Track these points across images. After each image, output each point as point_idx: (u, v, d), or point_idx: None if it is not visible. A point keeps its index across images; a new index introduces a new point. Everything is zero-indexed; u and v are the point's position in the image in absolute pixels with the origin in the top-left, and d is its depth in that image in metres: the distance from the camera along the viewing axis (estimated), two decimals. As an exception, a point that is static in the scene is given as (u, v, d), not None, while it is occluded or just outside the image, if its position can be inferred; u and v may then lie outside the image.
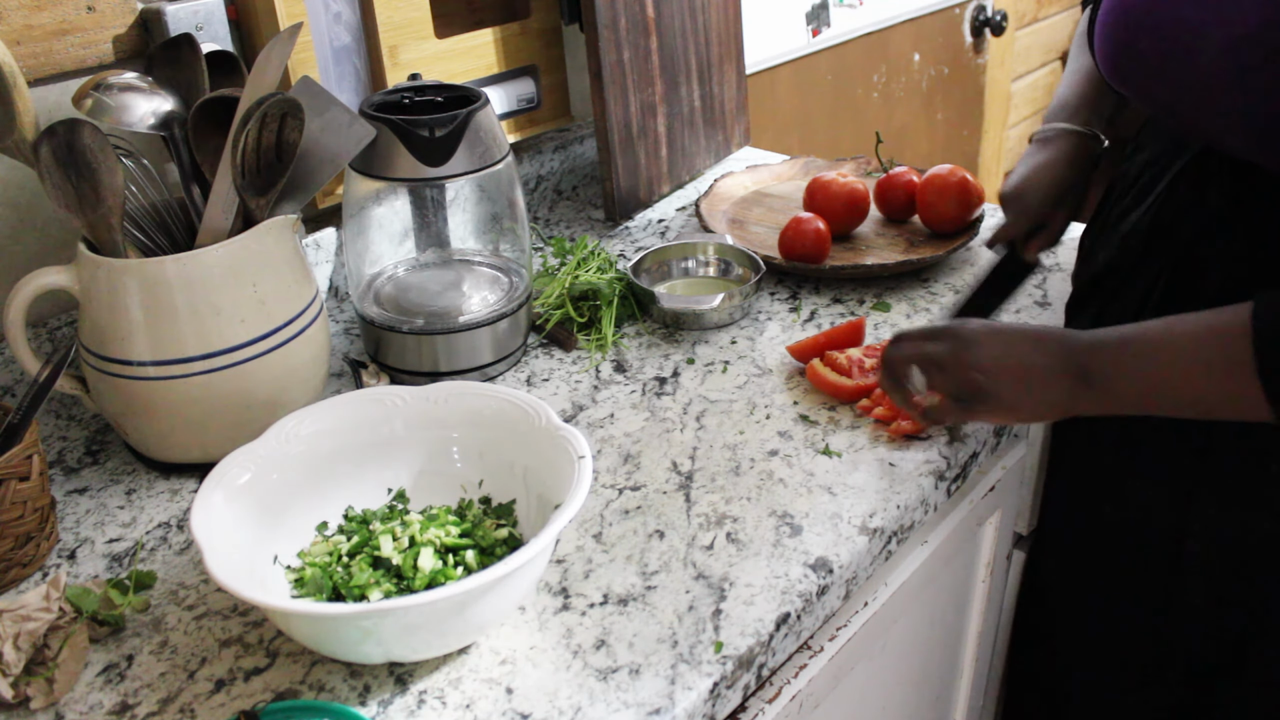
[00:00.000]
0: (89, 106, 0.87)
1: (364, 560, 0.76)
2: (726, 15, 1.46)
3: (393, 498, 0.84)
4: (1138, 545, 0.96)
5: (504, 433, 0.82)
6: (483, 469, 0.84)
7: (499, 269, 1.12)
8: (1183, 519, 0.92)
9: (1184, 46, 0.78)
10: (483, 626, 0.71)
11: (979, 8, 2.36)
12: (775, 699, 0.79)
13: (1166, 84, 0.82)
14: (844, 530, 0.82)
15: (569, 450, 0.75)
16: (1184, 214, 0.88)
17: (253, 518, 0.75)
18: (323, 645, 0.69)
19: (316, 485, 0.81)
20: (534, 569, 0.71)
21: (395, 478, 0.84)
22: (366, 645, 0.68)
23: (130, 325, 0.84)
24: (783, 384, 1.01)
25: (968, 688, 1.19)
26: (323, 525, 0.81)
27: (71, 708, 0.69)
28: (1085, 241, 1.05)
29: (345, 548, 0.77)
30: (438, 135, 0.96)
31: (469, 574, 0.74)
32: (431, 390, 0.84)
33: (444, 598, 0.64)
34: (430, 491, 0.84)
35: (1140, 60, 0.83)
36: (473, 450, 0.84)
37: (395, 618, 0.65)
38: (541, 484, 0.79)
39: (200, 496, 0.72)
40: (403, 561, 0.75)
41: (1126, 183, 0.98)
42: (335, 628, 0.67)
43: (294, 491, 0.79)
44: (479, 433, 0.83)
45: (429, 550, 0.75)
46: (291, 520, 0.79)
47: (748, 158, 1.55)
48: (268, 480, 0.77)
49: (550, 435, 0.78)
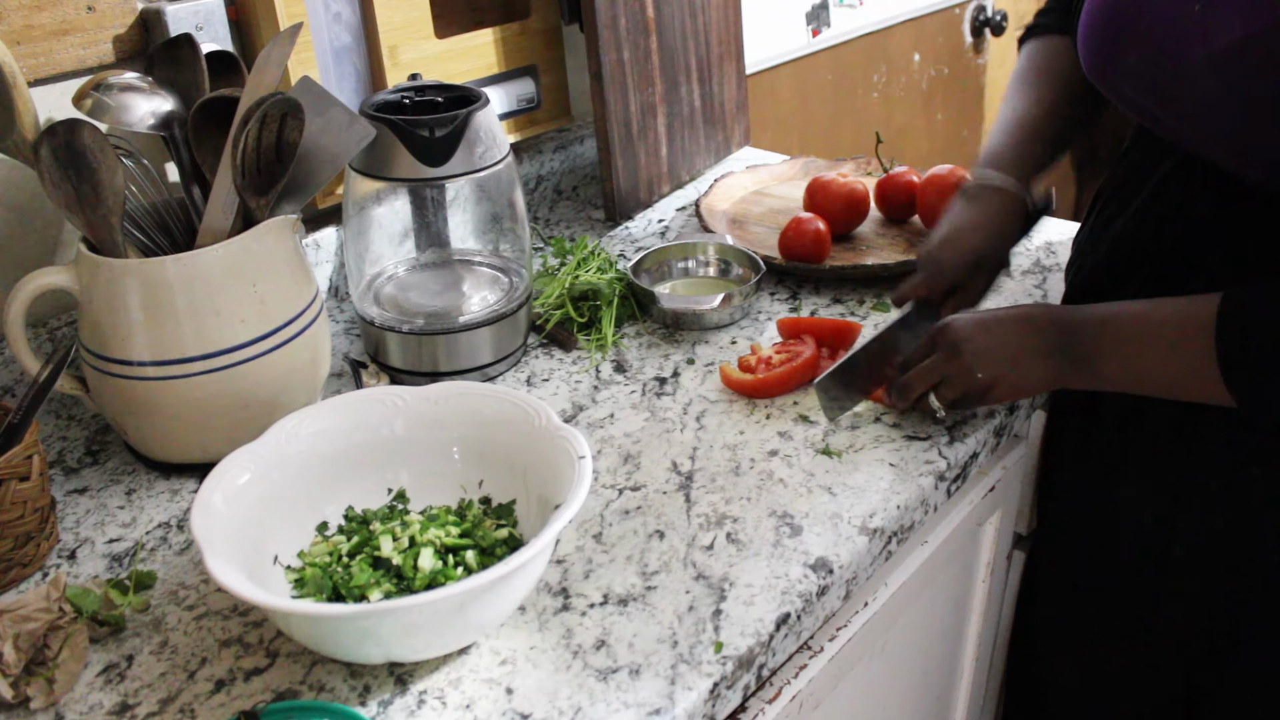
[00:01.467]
0: (89, 106, 0.87)
1: (364, 560, 0.76)
2: (726, 15, 1.46)
3: (393, 498, 0.84)
4: (1127, 545, 0.97)
5: (504, 433, 0.82)
6: (483, 469, 0.84)
7: (499, 269, 1.12)
8: (1170, 519, 0.92)
9: (1168, 56, 0.78)
10: (483, 626, 0.71)
11: (979, 8, 2.36)
12: (775, 699, 0.79)
13: (1150, 93, 0.82)
14: (844, 530, 0.82)
15: (569, 450, 0.75)
16: (1169, 219, 0.88)
17: (253, 518, 0.75)
18: (323, 645, 0.69)
19: (317, 485, 0.81)
20: (534, 569, 0.71)
21: (395, 478, 0.84)
22: (366, 645, 0.68)
23: (130, 325, 0.84)
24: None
25: (968, 688, 1.19)
26: (323, 525, 0.81)
27: (71, 708, 0.69)
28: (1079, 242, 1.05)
29: (345, 548, 0.77)
30: (438, 135, 0.96)
31: (469, 574, 0.74)
32: (431, 390, 0.84)
33: (444, 598, 0.64)
34: (430, 491, 0.84)
35: (1124, 68, 0.83)
36: (473, 450, 0.84)
37: (395, 618, 0.65)
38: (542, 484, 0.79)
39: (200, 497, 0.72)
40: (403, 562, 0.75)
41: (1117, 183, 0.98)
42: (335, 628, 0.67)
43: (294, 492, 0.79)
44: (479, 433, 0.83)
45: (429, 550, 0.75)
46: (292, 520, 0.79)
47: (748, 158, 1.55)
48: (268, 480, 0.77)
49: (550, 435, 0.78)
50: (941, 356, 0.89)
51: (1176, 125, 0.82)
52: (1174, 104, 0.80)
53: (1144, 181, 0.92)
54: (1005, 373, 0.87)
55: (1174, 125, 0.82)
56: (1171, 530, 0.92)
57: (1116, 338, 0.83)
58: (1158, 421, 0.91)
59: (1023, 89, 1.04)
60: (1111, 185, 0.99)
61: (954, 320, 0.90)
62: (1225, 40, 0.73)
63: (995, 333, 0.87)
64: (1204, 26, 0.74)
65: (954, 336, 0.88)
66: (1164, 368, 0.81)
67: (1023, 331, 0.87)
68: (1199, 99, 0.77)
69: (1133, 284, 0.91)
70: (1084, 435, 0.99)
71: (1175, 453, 0.90)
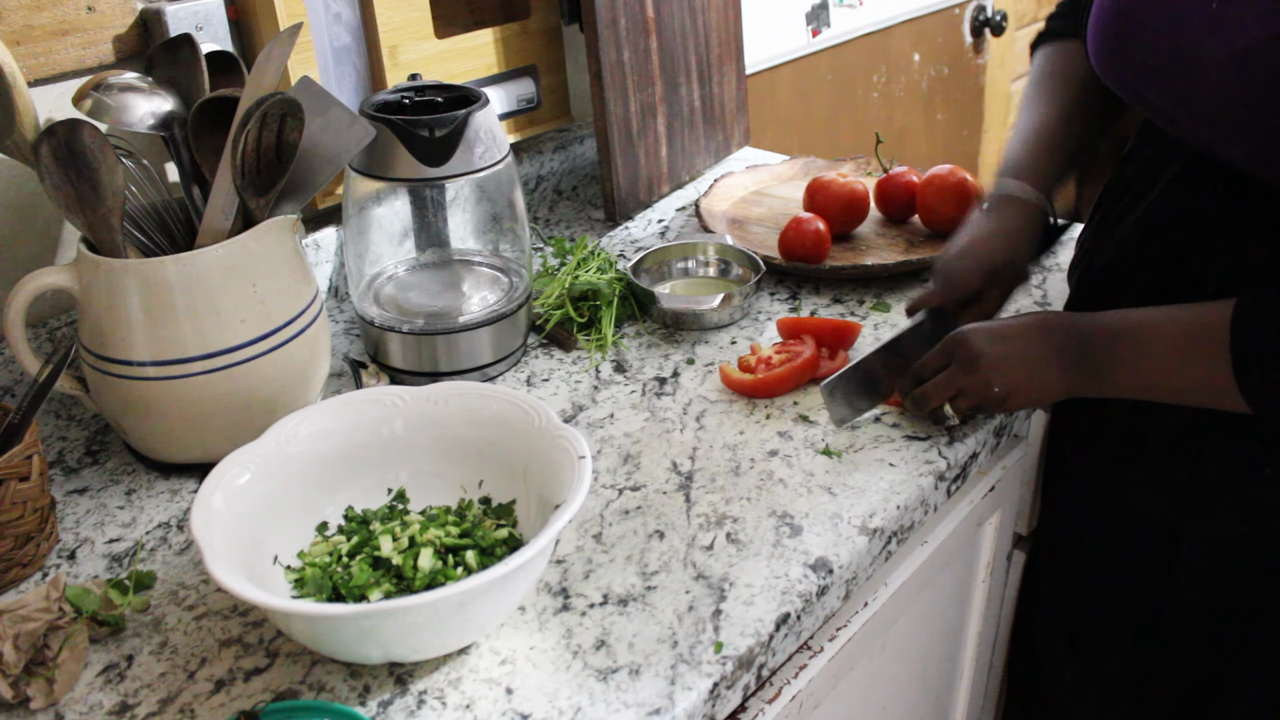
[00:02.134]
0: (89, 106, 0.87)
1: (364, 560, 0.76)
2: (726, 15, 1.46)
3: (393, 498, 0.84)
4: (1134, 547, 0.96)
5: (504, 433, 0.82)
6: (483, 469, 0.84)
7: (499, 269, 1.12)
8: (1179, 523, 0.92)
9: (1184, 54, 0.77)
10: (483, 626, 0.71)
11: (979, 8, 2.36)
12: (775, 699, 0.79)
13: (1163, 90, 0.81)
14: (844, 530, 0.82)
15: (569, 450, 0.75)
16: (1179, 218, 0.88)
17: (253, 518, 0.75)
18: (323, 646, 0.69)
19: (316, 485, 0.81)
20: (534, 569, 0.71)
21: (395, 478, 0.84)
22: (366, 646, 0.68)
23: (130, 325, 0.84)
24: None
25: (968, 688, 1.19)
26: (323, 525, 0.81)
27: (71, 708, 0.69)
28: (1083, 243, 1.05)
29: (345, 548, 0.77)
30: (438, 135, 0.96)
31: (469, 574, 0.74)
32: (431, 390, 0.84)
33: (444, 597, 0.64)
34: (430, 491, 0.84)
35: (1136, 64, 0.83)
36: (472, 450, 0.84)
37: (396, 618, 0.65)
38: (542, 484, 0.79)
39: (200, 497, 0.72)
40: (403, 562, 0.75)
41: (1123, 184, 0.98)
42: (335, 628, 0.67)
43: (294, 492, 0.79)
44: (479, 433, 0.83)
45: (429, 551, 0.75)
46: (291, 520, 0.79)
47: (748, 158, 1.55)
48: (268, 481, 0.77)
49: (550, 435, 0.78)
50: (958, 369, 0.88)
51: (1189, 123, 0.81)
52: (1188, 101, 0.79)
53: (1153, 181, 0.92)
54: (1021, 384, 0.86)
55: (1187, 123, 0.82)
56: (1180, 530, 0.92)
57: (1131, 348, 0.82)
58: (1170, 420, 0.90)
59: (1039, 97, 1.03)
60: (1119, 185, 0.98)
61: (970, 331, 0.88)
62: (1245, 39, 0.72)
63: (1011, 344, 0.86)
64: (1222, 24, 0.73)
65: (971, 350, 0.87)
66: (1178, 376, 0.80)
67: (1038, 342, 0.86)
68: (1214, 97, 0.76)
69: (1140, 284, 0.91)
70: (1092, 433, 0.99)
71: (1188, 450, 0.90)
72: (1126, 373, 0.83)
